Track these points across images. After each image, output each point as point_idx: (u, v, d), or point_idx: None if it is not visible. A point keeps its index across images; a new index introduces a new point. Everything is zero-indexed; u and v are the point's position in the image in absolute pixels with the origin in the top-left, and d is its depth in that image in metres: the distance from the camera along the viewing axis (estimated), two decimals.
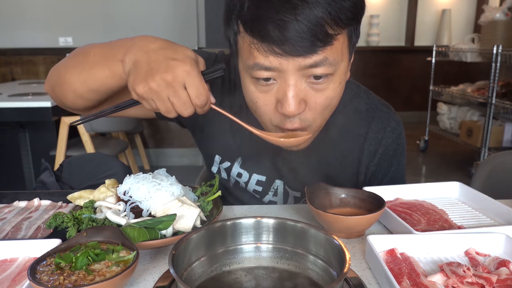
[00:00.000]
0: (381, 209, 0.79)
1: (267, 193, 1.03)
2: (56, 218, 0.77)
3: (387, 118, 0.99)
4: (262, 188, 1.02)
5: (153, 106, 0.71)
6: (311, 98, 0.77)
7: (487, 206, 0.92)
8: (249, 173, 1.02)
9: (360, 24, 0.79)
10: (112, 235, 0.67)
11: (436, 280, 0.63)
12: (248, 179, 1.02)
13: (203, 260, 0.65)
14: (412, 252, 0.73)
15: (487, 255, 0.72)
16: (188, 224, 0.75)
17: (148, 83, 0.67)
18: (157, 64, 0.68)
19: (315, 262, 0.65)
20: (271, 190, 1.03)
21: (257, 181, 1.02)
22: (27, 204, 0.93)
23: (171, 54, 0.69)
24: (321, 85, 0.76)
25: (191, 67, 0.68)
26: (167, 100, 0.69)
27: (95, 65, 0.79)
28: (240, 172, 1.02)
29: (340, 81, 0.79)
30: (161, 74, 0.67)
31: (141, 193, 0.78)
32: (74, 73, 0.82)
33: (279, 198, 1.03)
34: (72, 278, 0.57)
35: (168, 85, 0.67)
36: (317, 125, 0.83)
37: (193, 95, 0.69)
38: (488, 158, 1.40)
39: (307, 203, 0.82)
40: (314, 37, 0.69)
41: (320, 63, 0.72)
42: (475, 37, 4.07)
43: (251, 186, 1.03)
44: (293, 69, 0.73)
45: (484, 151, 3.65)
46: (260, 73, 0.75)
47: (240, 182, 1.03)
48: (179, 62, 0.67)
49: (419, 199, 0.98)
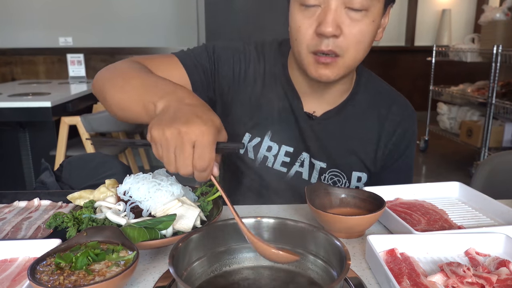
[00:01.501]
0: (381, 209, 0.79)
1: (294, 164, 1.07)
2: (56, 218, 0.77)
3: (405, 104, 1.10)
4: (290, 159, 1.07)
5: (159, 153, 0.69)
6: (347, 26, 0.87)
7: (487, 206, 0.92)
8: (279, 145, 1.06)
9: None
10: (112, 235, 0.67)
11: (436, 280, 0.63)
12: (278, 151, 1.06)
13: (203, 260, 0.65)
14: (412, 252, 0.73)
15: (487, 255, 0.72)
16: (188, 224, 0.75)
17: (164, 128, 0.66)
18: (180, 115, 0.68)
19: (315, 262, 0.65)
20: (298, 161, 1.07)
21: (285, 152, 1.07)
22: (27, 204, 0.93)
23: (198, 112, 0.68)
24: (357, 16, 0.86)
25: (208, 129, 0.66)
26: (172, 151, 0.67)
27: (133, 98, 0.81)
28: (270, 145, 1.06)
29: (374, 19, 0.88)
30: (179, 124, 0.66)
31: (141, 193, 0.78)
32: (114, 96, 0.86)
33: (305, 169, 1.07)
34: (72, 278, 0.57)
35: (179, 137, 0.65)
36: (349, 57, 0.91)
37: (196, 155, 0.66)
38: (488, 158, 1.40)
39: (307, 203, 0.82)
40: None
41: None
42: (475, 37, 4.08)
43: (280, 158, 1.07)
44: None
45: (484, 151, 3.65)
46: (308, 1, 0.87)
47: (269, 156, 1.07)
48: (200, 121, 0.66)
49: (419, 199, 0.98)
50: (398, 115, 1.07)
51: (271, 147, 1.07)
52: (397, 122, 1.07)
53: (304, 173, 1.08)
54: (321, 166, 1.07)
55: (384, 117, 1.07)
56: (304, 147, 1.07)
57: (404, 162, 1.10)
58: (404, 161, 1.10)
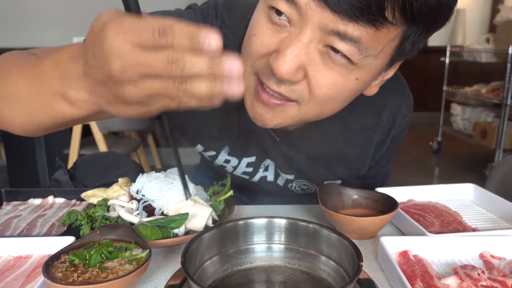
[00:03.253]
0: (394, 211, 0.79)
1: (258, 171, 0.94)
2: (70, 216, 0.78)
3: (398, 105, 0.85)
4: (253, 169, 0.93)
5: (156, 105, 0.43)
6: (315, 72, 0.59)
7: (502, 209, 0.90)
8: (239, 159, 0.91)
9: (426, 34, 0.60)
10: (125, 233, 0.68)
11: (450, 283, 0.63)
12: (238, 163, 0.92)
13: (215, 260, 0.66)
14: (426, 254, 0.72)
15: (502, 258, 0.71)
16: (200, 223, 0.76)
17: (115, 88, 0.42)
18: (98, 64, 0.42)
19: (327, 263, 0.65)
20: (262, 166, 0.93)
21: (247, 164, 0.92)
22: (42, 202, 0.94)
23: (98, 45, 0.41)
24: (334, 62, 0.59)
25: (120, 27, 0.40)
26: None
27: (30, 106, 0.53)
28: (227, 159, 0.92)
29: (358, 78, 0.61)
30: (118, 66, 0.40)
31: (154, 192, 0.78)
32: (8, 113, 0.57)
33: (270, 173, 0.94)
34: (85, 276, 0.58)
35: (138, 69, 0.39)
36: (309, 110, 0.65)
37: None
38: (503, 160, 1.38)
39: (319, 204, 0.82)
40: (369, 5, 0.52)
41: (349, 38, 0.55)
42: (490, 37, 4.02)
43: (240, 169, 0.93)
44: (317, 21, 0.55)
45: (499, 153, 3.59)
46: (280, 3, 0.57)
47: (227, 167, 0.93)
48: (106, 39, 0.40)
49: (433, 200, 0.97)
50: (388, 122, 0.85)
51: (229, 160, 0.92)
52: (386, 130, 0.86)
53: (269, 176, 0.95)
54: (288, 178, 0.94)
55: (372, 129, 0.85)
56: (267, 156, 0.91)
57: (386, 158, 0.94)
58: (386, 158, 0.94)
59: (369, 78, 0.64)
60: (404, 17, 0.55)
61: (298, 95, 0.62)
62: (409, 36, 0.59)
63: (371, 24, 0.54)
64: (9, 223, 0.83)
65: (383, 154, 0.91)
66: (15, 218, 0.85)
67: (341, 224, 0.79)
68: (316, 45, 0.58)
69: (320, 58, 0.59)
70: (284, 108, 0.65)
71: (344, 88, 0.62)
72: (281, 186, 0.99)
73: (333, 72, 0.60)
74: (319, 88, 0.61)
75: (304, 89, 0.62)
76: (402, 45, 0.60)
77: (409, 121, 0.89)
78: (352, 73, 0.60)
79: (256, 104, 0.66)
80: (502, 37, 3.71)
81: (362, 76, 0.62)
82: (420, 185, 1.00)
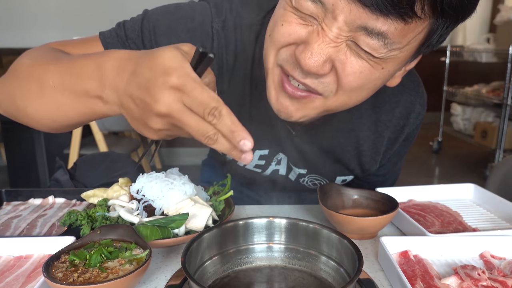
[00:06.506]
0: (394, 211, 0.79)
1: (270, 164, 0.94)
2: (70, 216, 0.78)
3: (412, 102, 0.86)
4: (265, 162, 0.94)
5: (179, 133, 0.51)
6: (341, 62, 0.60)
7: (502, 209, 0.90)
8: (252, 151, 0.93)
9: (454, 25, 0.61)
10: (125, 233, 0.68)
11: (450, 283, 0.62)
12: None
13: (215, 259, 0.66)
14: (426, 254, 0.72)
15: (503, 258, 0.71)
16: (200, 223, 0.75)
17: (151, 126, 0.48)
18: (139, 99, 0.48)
19: (327, 263, 0.65)
20: (274, 160, 0.94)
21: (259, 156, 0.92)
22: (42, 202, 0.94)
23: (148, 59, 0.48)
24: (360, 53, 0.60)
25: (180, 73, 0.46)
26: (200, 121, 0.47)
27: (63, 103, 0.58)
28: None
29: (384, 67, 0.62)
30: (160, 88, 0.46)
31: (154, 192, 0.78)
32: (35, 106, 0.62)
33: (282, 167, 0.95)
34: (86, 276, 0.58)
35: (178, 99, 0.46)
36: (336, 102, 0.66)
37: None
38: (503, 160, 1.38)
39: (319, 204, 0.82)
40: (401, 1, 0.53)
41: (376, 33, 0.56)
42: (491, 37, 4.02)
43: (253, 162, 0.93)
44: (345, 15, 0.56)
45: (499, 153, 3.59)
46: (304, 3, 0.58)
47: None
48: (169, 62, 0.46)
49: (433, 200, 0.97)
50: (401, 118, 0.87)
51: None
52: (400, 127, 0.88)
53: (281, 170, 0.96)
54: (300, 172, 0.95)
55: (384, 125, 0.87)
56: (281, 150, 0.91)
57: (397, 153, 0.95)
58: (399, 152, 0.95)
59: (394, 68, 0.65)
60: (434, 10, 0.56)
61: (326, 87, 0.64)
62: (437, 29, 0.60)
63: (401, 18, 0.54)
64: (9, 223, 0.83)
65: (395, 152, 0.93)
66: (15, 218, 0.85)
67: (341, 224, 0.79)
68: (343, 39, 0.59)
69: (347, 49, 0.60)
70: (310, 100, 0.66)
71: (370, 76, 0.63)
72: (293, 181, 0.99)
73: (360, 61, 0.61)
74: (346, 76, 0.62)
75: (332, 81, 0.63)
76: (429, 37, 0.61)
77: (422, 119, 0.90)
78: (378, 63, 0.62)
79: (281, 96, 0.67)
80: (503, 37, 3.71)
81: (388, 66, 0.63)
82: (420, 185, 1.00)
